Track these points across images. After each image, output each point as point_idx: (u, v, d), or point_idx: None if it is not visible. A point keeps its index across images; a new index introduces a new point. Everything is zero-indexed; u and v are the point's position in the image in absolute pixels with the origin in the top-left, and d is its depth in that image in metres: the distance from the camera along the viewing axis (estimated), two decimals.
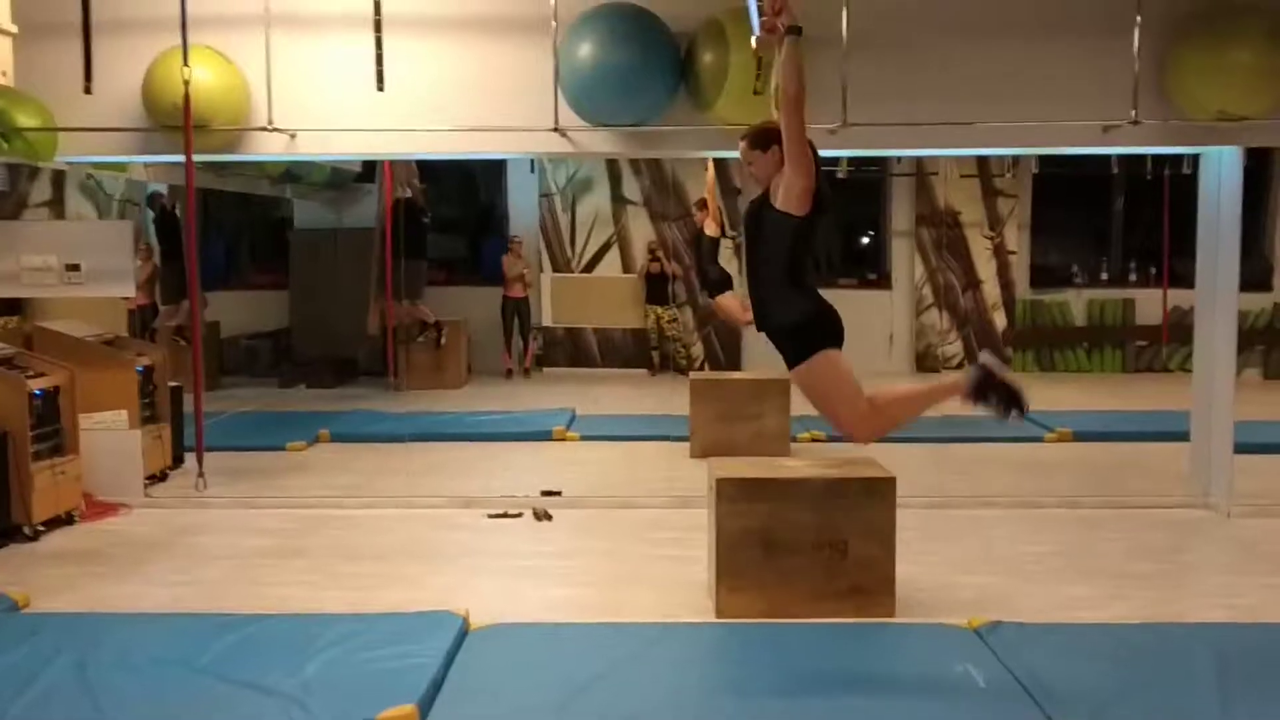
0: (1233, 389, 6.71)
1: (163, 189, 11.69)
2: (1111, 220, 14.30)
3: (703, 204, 9.43)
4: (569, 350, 13.76)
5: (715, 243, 9.31)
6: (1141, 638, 4.51)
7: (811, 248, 4.20)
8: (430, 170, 12.31)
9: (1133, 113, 6.23)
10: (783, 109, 3.93)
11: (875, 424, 4.19)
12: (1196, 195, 6.95)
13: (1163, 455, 7.94)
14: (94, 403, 6.89)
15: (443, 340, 12.09)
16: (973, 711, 3.81)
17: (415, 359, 12.13)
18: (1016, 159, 12.84)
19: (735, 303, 8.96)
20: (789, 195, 4.02)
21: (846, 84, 6.20)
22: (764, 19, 4.03)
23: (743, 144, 4.23)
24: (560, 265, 13.77)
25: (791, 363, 4.17)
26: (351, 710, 3.69)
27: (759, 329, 4.28)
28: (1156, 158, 11.98)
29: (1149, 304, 13.34)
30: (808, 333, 4.13)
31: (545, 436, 9.06)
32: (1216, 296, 6.72)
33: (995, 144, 7.01)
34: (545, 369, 13.58)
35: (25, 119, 6.45)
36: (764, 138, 4.12)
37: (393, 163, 10.82)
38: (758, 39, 4.21)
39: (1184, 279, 11.31)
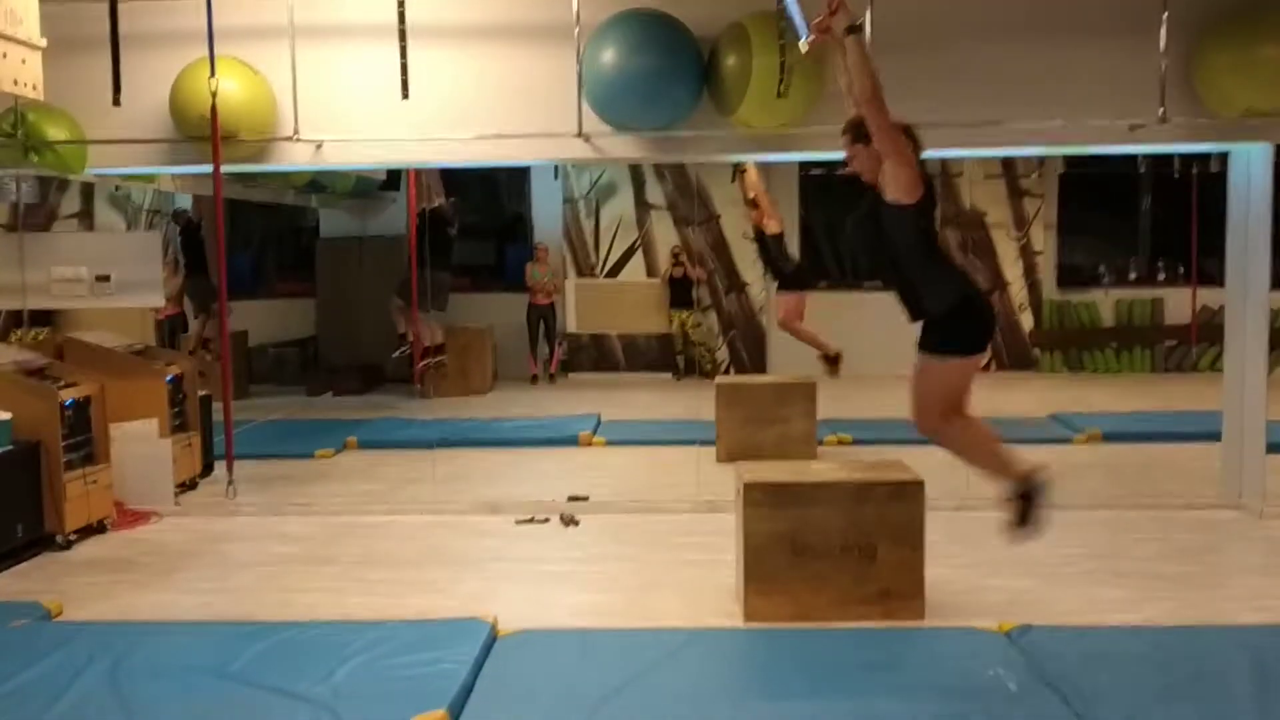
0: (1265, 388, 6.64)
1: (187, 205, 11.77)
2: (1139, 219, 14.18)
3: (753, 203, 9.37)
4: (594, 355, 13.76)
5: (779, 238, 9.26)
6: (1175, 641, 4.47)
7: (933, 234, 4.13)
8: (454, 178, 12.33)
9: (1160, 111, 6.18)
10: (865, 108, 3.89)
11: (945, 431, 4.18)
12: (1225, 193, 6.89)
13: (1193, 456, 7.86)
14: (124, 412, 6.95)
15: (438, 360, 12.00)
16: (1005, 716, 3.78)
17: (439, 368, 12.14)
18: (1042, 159, 12.76)
19: (795, 300, 8.90)
20: (898, 186, 3.96)
21: None
22: (817, 21, 4.01)
23: (844, 139, 4.15)
24: (584, 271, 13.78)
25: (929, 347, 4.11)
26: (383, 716, 3.71)
27: (915, 321, 4.21)
28: (1184, 156, 11.87)
29: (1178, 303, 13.20)
30: (958, 326, 4.07)
31: (572, 442, 9.07)
32: (1247, 295, 6.65)
33: (1021, 144, 6.95)
34: (570, 374, 13.59)
35: (55, 132, 6.53)
36: (859, 131, 4.04)
37: (418, 174, 10.84)
38: (809, 42, 4.19)
39: (1213, 278, 11.21)
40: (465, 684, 4.00)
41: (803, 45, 4.28)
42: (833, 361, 9.14)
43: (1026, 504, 4.15)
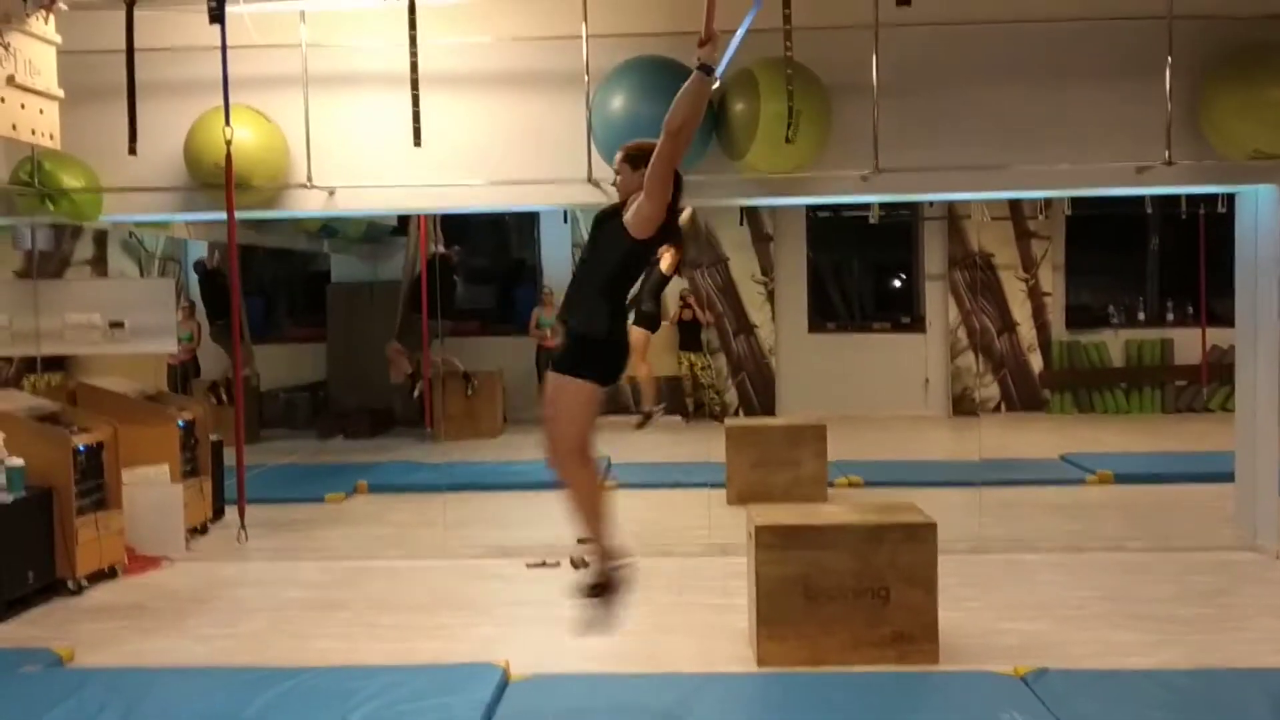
0: (1277, 429, 6.62)
1: (200, 250, 11.88)
2: (1147, 260, 14.20)
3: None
4: (603, 398, 13.76)
5: (664, 280, 9.26)
6: (1192, 684, 4.43)
7: (636, 273, 4.26)
8: (463, 223, 12.43)
9: (1166, 153, 6.22)
10: (663, 139, 3.89)
11: (569, 468, 4.17)
12: (1232, 232, 6.91)
13: (1207, 497, 7.82)
14: (136, 457, 6.97)
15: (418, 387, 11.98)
16: None
17: (451, 409, 12.17)
18: (1049, 201, 12.80)
19: (640, 343, 8.86)
20: (637, 217, 4.02)
21: (878, 130, 6.24)
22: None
23: (619, 154, 4.23)
24: None
25: (562, 367, 4.14)
26: None
27: (559, 319, 4.35)
28: (1191, 196, 11.91)
29: (1187, 343, 13.19)
30: (589, 353, 4.12)
31: None
32: (1257, 335, 6.65)
33: (1028, 187, 7.01)
34: None
35: (71, 180, 6.61)
36: (640, 157, 4.07)
37: (426, 221, 10.95)
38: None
39: (1222, 318, 11.22)
40: None
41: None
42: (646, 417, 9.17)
43: (602, 592, 4.20)
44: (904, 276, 14.71)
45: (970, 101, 6.43)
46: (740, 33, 4.52)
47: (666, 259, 8.98)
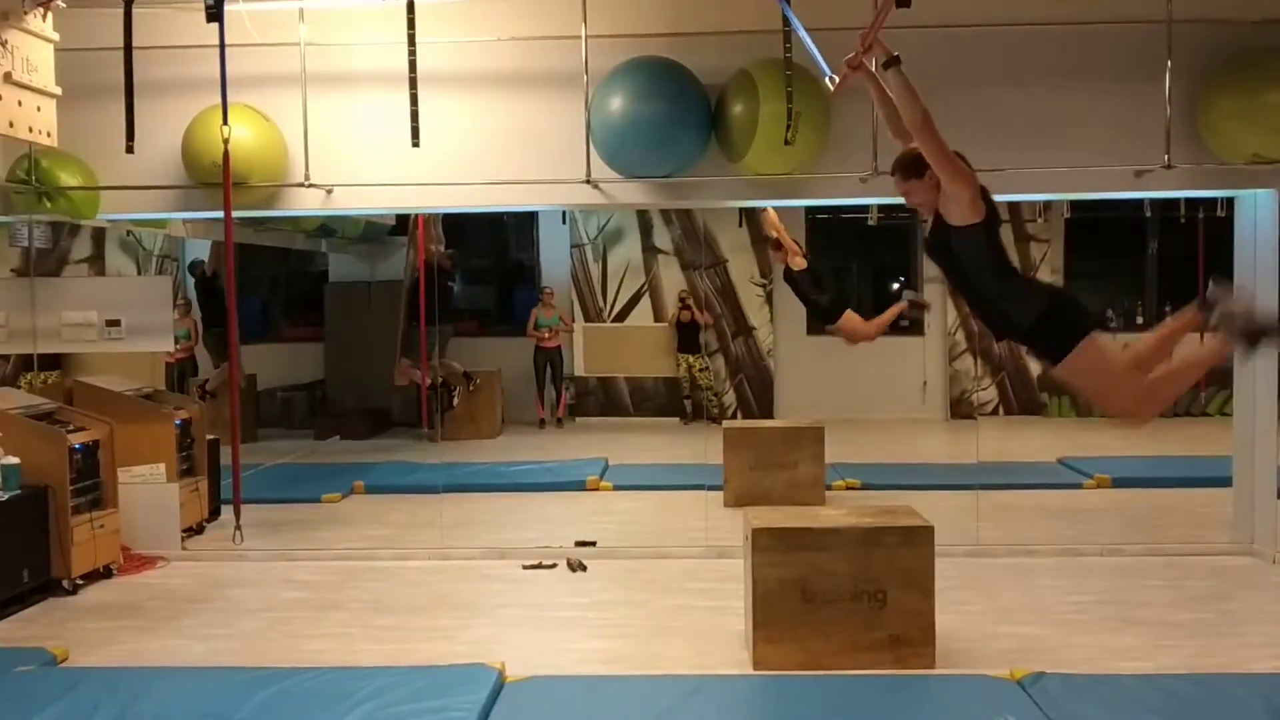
0: (1275, 433, 6.61)
1: (203, 256, 11.87)
2: (1146, 264, 14.20)
3: (776, 244, 9.39)
4: (601, 400, 13.76)
5: (806, 272, 9.25)
6: (1190, 689, 4.41)
7: (1001, 251, 4.05)
8: (462, 223, 12.43)
9: (1165, 157, 6.21)
10: (919, 136, 3.85)
11: (1153, 403, 4.00)
12: (1231, 236, 6.90)
13: (1204, 501, 7.82)
14: (133, 456, 6.96)
15: (456, 394, 12.07)
16: None
17: (449, 411, 12.16)
18: (1048, 204, 12.80)
19: (857, 320, 8.90)
20: (961, 207, 3.91)
21: (876, 132, 6.23)
22: (849, 58, 4.01)
23: (896, 177, 4.12)
24: (592, 315, 13.81)
25: (1053, 359, 3.93)
26: None
27: (1003, 339, 4.17)
28: (1190, 200, 11.90)
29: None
30: (1056, 324, 3.90)
31: (579, 486, 9.05)
32: None
33: (1027, 190, 7.00)
34: (578, 418, 13.57)
35: (68, 178, 6.60)
36: (914, 165, 3.98)
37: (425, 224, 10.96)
38: (838, 79, 4.20)
39: None
40: None
41: (829, 83, 4.28)
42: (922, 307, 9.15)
43: (1257, 333, 3.87)
44: (903, 279, 14.71)
45: (969, 104, 6.41)
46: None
47: (794, 259, 9.03)
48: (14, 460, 6.01)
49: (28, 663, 4.86)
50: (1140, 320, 13.97)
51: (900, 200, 4.30)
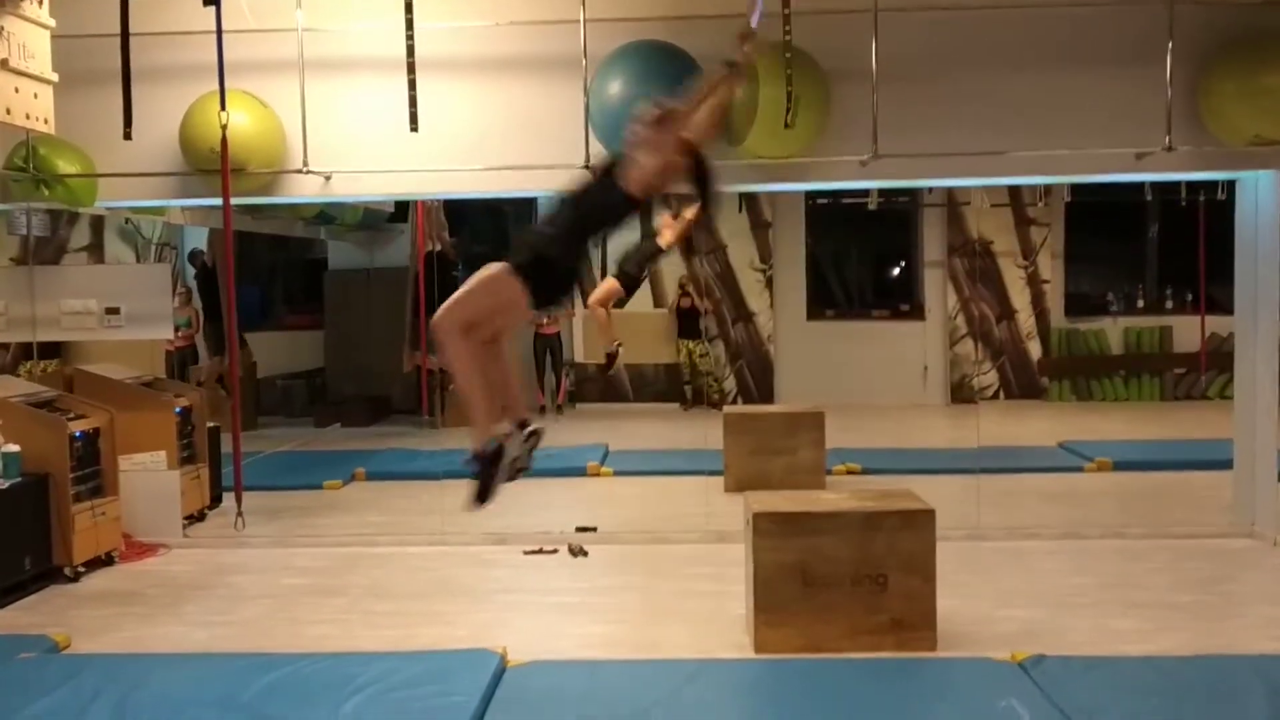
0: (1276, 416, 6.61)
1: (202, 246, 11.85)
2: (1146, 247, 14.18)
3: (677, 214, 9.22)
4: (601, 386, 13.75)
5: (658, 253, 9.11)
6: (1190, 671, 4.42)
7: (611, 222, 4.14)
8: (461, 209, 12.40)
9: (1166, 139, 6.19)
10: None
11: (450, 341, 3.91)
12: (1232, 220, 6.89)
13: (1205, 484, 7.82)
14: (133, 444, 6.96)
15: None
16: None
17: (450, 396, 12.17)
18: (1049, 188, 12.78)
19: (609, 288, 8.77)
20: (643, 175, 3.99)
21: (877, 115, 6.21)
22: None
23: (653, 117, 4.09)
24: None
25: (514, 262, 3.94)
26: None
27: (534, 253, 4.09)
28: (1191, 183, 11.88)
29: (1186, 331, 13.18)
30: (548, 271, 3.97)
31: (579, 472, 9.05)
32: (1257, 322, 6.64)
33: (1027, 173, 6.99)
34: (578, 405, 13.57)
35: (66, 166, 6.58)
36: (667, 123, 4.03)
37: (426, 215, 10.95)
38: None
39: (1221, 305, 11.20)
40: (475, 716, 3.98)
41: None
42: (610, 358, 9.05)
43: (482, 468, 4.00)
44: (903, 264, 14.69)
45: (970, 87, 6.40)
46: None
47: (668, 234, 8.86)
48: (15, 448, 6.01)
49: (30, 649, 4.87)
50: (1141, 304, 13.97)
51: (900, 184, 4.32)
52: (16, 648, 4.89)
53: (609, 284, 8.78)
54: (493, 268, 3.96)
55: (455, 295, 3.95)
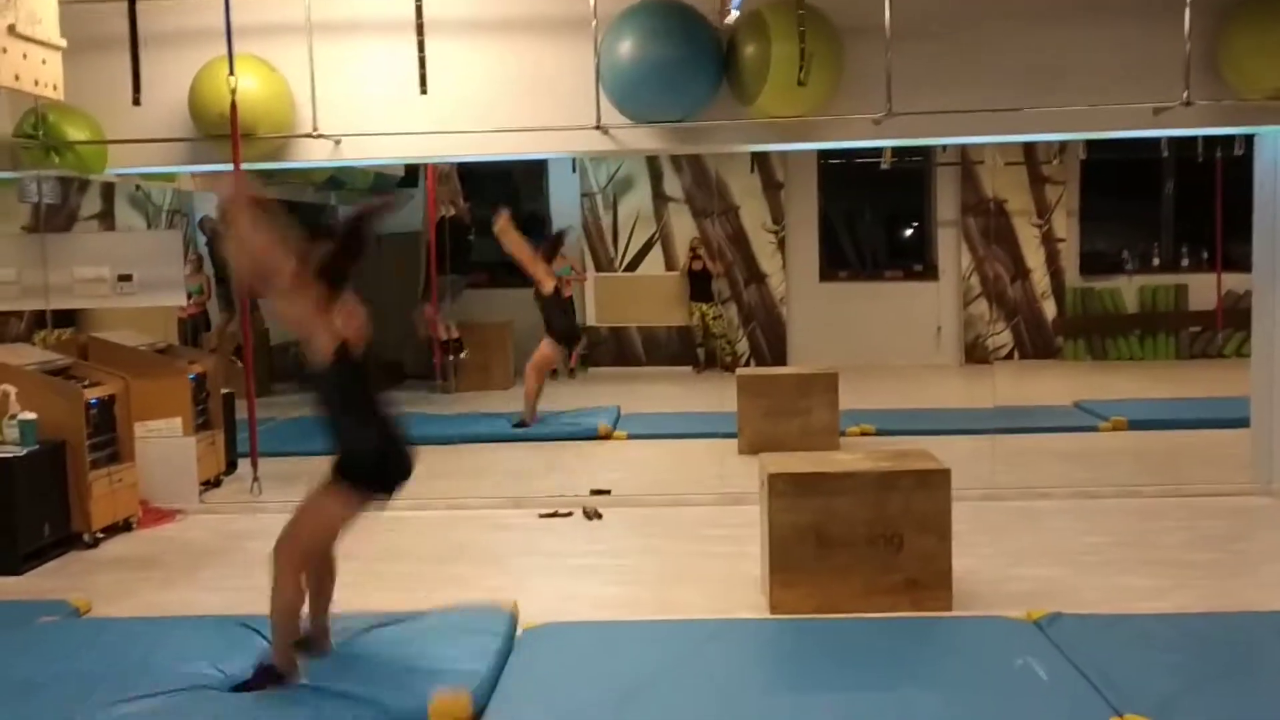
0: None
1: (213, 213, 11.83)
2: (1162, 205, 14.06)
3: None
4: (614, 349, 13.75)
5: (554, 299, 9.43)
6: (1207, 628, 4.42)
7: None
8: (471, 173, 12.36)
9: (1184, 94, 6.10)
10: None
11: (285, 567, 3.99)
12: (1250, 177, 6.81)
13: (1221, 443, 7.79)
14: (148, 411, 6.98)
15: (463, 356, 12.21)
16: (1036, 705, 3.75)
17: (462, 361, 12.20)
18: (1064, 145, 12.66)
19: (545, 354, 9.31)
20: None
21: (890, 73, 6.13)
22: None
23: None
24: (603, 264, 13.76)
25: (334, 474, 3.98)
26: (407, 706, 3.71)
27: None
28: (1208, 140, 11.75)
29: (1202, 289, 13.10)
30: (361, 467, 4.01)
31: (592, 435, 9.06)
32: (1275, 279, 6.58)
33: (1043, 130, 6.91)
34: (590, 368, 13.57)
35: (75, 133, 6.55)
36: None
37: (436, 182, 10.92)
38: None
39: (1238, 263, 11.11)
40: (490, 675, 4.00)
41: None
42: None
43: (265, 677, 3.98)
44: (916, 224, 14.61)
45: (985, 43, 6.31)
46: None
47: (548, 283, 9.22)
48: (31, 416, 6.03)
49: (51, 614, 4.91)
50: (1156, 262, 13.88)
51: (915, 142, 4.26)
52: (37, 612, 4.93)
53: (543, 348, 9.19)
54: (324, 498, 3.97)
55: (295, 531, 3.99)
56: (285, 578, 3.97)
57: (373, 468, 4.01)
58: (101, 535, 6.34)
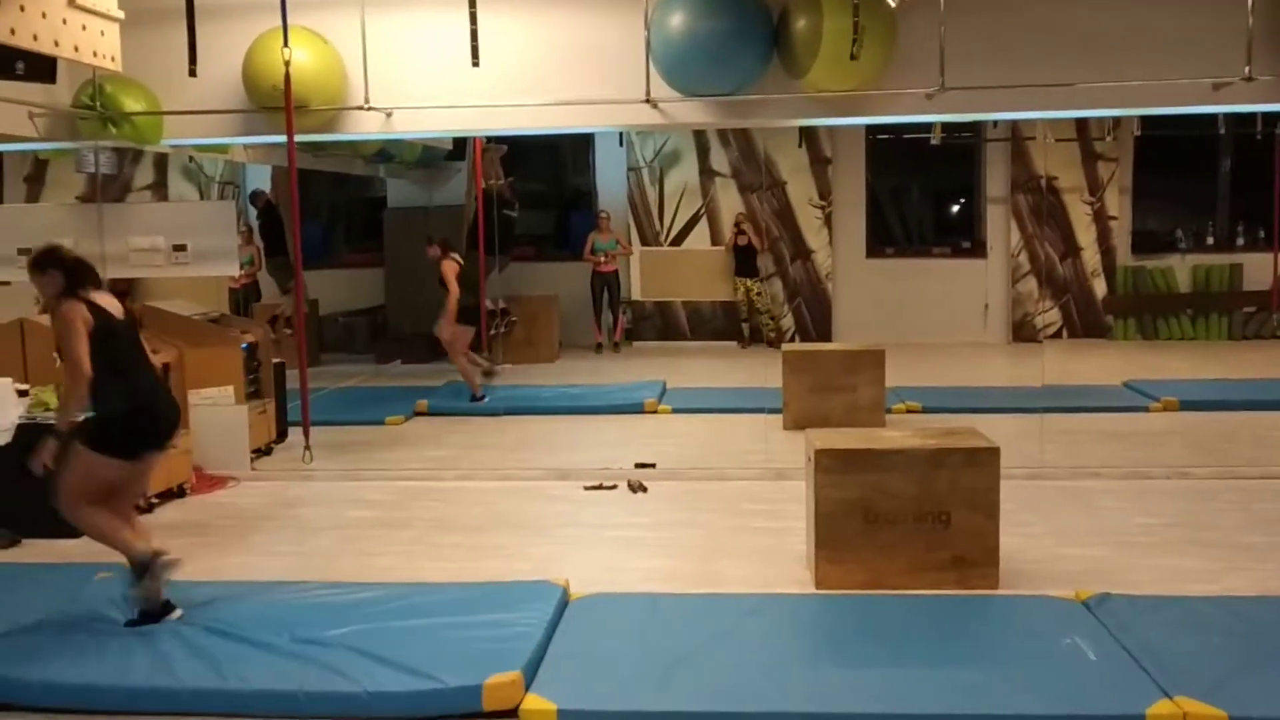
0: None
1: (264, 185, 11.96)
2: (1217, 182, 13.81)
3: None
4: (658, 324, 13.76)
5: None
6: (1258, 611, 4.37)
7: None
8: (518, 146, 12.38)
9: (1246, 69, 5.98)
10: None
11: (78, 518, 4.43)
12: None
13: (1274, 424, 7.70)
14: (202, 379, 7.10)
15: (507, 326, 12.29)
16: (1084, 684, 3.73)
17: (507, 336, 12.26)
18: (1117, 120, 12.46)
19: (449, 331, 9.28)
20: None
21: (944, 46, 6.07)
22: None
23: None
24: (649, 239, 13.75)
25: (83, 438, 4.35)
26: (459, 677, 3.76)
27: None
28: (1267, 116, 11.51)
29: (1257, 269, 12.86)
30: (111, 430, 4.39)
31: (637, 409, 9.09)
32: None
33: (1098, 105, 6.81)
34: (635, 343, 13.60)
35: (132, 104, 6.65)
36: (44, 260, 4.46)
37: (483, 153, 10.96)
38: None
39: None
40: (540, 646, 4.04)
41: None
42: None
43: (143, 574, 4.38)
44: (964, 200, 14.45)
45: (1039, 16, 6.22)
46: None
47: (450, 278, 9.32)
48: None
49: (106, 572, 5.01)
50: (1210, 241, 13.65)
51: (967, 118, 4.23)
52: (95, 570, 5.06)
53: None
54: (76, 459, 4.32)
55: (62, 489, 4.37)
56: (77, 519, 4.43)
57: (119, 432, 4.39)
58: (156, 500, 6.46)
